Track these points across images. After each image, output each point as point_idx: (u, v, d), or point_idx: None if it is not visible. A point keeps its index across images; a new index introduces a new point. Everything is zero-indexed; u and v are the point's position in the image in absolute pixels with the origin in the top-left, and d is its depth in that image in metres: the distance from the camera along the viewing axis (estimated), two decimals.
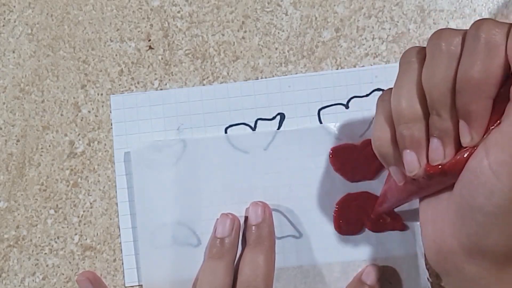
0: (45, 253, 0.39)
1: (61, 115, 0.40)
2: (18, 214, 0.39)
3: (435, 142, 0.28)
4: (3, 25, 0.41)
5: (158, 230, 0.38)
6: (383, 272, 0.38)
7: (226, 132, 0.39)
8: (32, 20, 0.41)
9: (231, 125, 0.40)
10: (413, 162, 0.29)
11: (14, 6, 0.41)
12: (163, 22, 0.41)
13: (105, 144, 0.40)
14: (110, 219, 0.39)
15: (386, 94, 0.30)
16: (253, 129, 0.40)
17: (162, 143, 0.39)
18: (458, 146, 0.28)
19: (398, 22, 0.40)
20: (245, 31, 0.40)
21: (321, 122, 0.39)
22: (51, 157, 0.40)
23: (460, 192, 0.28)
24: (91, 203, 0.39)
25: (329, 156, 0.39)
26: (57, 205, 0.39)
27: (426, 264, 0.38)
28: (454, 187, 0.29)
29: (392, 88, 0.30)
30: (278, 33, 0.40)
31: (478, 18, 0.40)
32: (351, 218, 0.38)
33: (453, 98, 0.27)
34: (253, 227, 0.38)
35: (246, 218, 0.39)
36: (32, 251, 0.39)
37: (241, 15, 0.40)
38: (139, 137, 0.40)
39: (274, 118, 0.40)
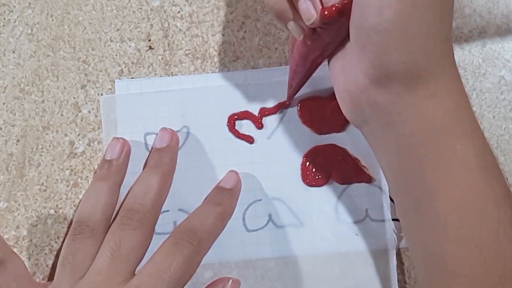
0: (45, 253, 0.39)
1: (61, 115, 0.40)
2: (18, 214, 0.39)
3: None
4: (3, 25, 0.41)
5: (160, 217, 0.38)
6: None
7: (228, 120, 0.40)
8: (32, 20, 0.41)
9: (235, 113, 0.40)
10: (309, 10, 0.29)
11: (14, 6, 0.41)
12: (163, 22, 0.41)
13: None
14: None
15: None
16: (257, 116, 0.40)
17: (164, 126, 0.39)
18: None
19: None
20: (245, 31, 0.40)
21: None
22: (51, 157, 0.40)
23: (353, 21, 0.28)
24: None
25: (297, 109, 0.39)
26: (57, 205, 0.39)
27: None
28: (350, 21, 0.29)
29: None
30: (278, 33, 0.40)
31: (478, 19, 0.40)
32: (318, 169, 0.39)
33: None
34: (156, 151, 0.38)
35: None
36: (32, 251, 0.39)
37: (241, 15, 0.40)
38: (142, 124, 0.40)
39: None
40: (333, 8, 0.28)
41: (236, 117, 0.40)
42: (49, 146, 0.40)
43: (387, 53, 0.27)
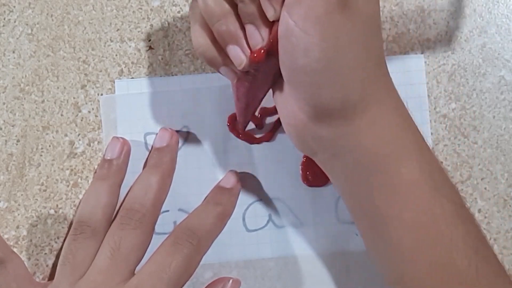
0: (45, 253, 0.39)
1: (61, 115, 0.40)
2: (18, 214, 0.39)
3: (249, 28, 0.29)
4: (3, 25, 0.41)
5: (160, 217, 0.38)
6: None
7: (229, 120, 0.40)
8: (32, 20, 0.41)
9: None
10: (238, 55, 0.30)
11: (14, 6, 0.41)
12: (163, 22, 0.41)
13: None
14: None
15: (194, 2, 0.31)
16: (258, 117, 0.40)
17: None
18: (271, 25, 0.29)
19: (398, 22, 0.40)
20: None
21: None
22: (51, 157, 0.40)
23: (283, 63, 0.29)
24: None
25: None
26: (57, 205, 0.39)
27: None
28: (279, 62, 0.29)
29: None
30: None
31: (478, 19, 0.40)
32: (318, 170, 0.39)
33: None
34: (155, 150, 0.38)
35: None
36: (32, 251, 0.39)
37: None
38: (142, 124, 0.40)
39: None
40: (261, 51, 0.29)
41: (236, 116, 0.39)
42: (49, 146, 0.40)
43: (319, 92, 0.28)
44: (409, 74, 0.39)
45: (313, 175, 0.39)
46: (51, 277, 0.39)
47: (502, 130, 0.39)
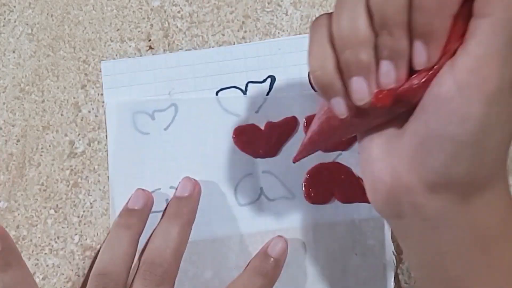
0: (45, 253, 0.39)
1: (61, 115, 0.40)
2: (18, 214, 0.39)
3: (385, 64, 0.25)
4: (3, 25, 0.41)
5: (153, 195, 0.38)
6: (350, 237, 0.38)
7: (217, 95, 0.40)
8: (32, 20, 0.41)
9: (222, 89, 0.40)
10: (362, 89, 0.26)
11: (14, 6, 0.41)
12: (163, 22, 0.41)
13: (105, 144, 0.40)
14: (110, 219, 0.39)
15: (321, 19, 0.27)
16: (244, 92, 0.40)
17: (151, 104, 0.40)
18: (409, 70, 0.26)
19: None
20: (245, 31, 0.40)
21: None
22: (51, 157, 0.40)
23: (425, 122, 0.26)
24: (91, 203, 0.39)
25: (303, 125, 0.39)
26: (57, 205, 0.39)
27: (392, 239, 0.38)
28: (413, 117, 0.26)
29: (325, 13, 0.27)
30: (278, 33, 0.40)
31: None
32: (321, 187, 0.39)
33: (408, 16, 0.24)
34: (176, 199, 0.38)
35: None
36: (32, 251, 0.39)
37: (241, 15, 0.41)
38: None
39: (264, 80, 0.40)
40: (390, 94, 0.25)
41: (242, 129, 0.39)
42: (49, 146, 0.40)
43: (456, 164, 0.25)
44: None
45: (316, 192, 0.38)
46: (51, 277, 0.39)
47: None
